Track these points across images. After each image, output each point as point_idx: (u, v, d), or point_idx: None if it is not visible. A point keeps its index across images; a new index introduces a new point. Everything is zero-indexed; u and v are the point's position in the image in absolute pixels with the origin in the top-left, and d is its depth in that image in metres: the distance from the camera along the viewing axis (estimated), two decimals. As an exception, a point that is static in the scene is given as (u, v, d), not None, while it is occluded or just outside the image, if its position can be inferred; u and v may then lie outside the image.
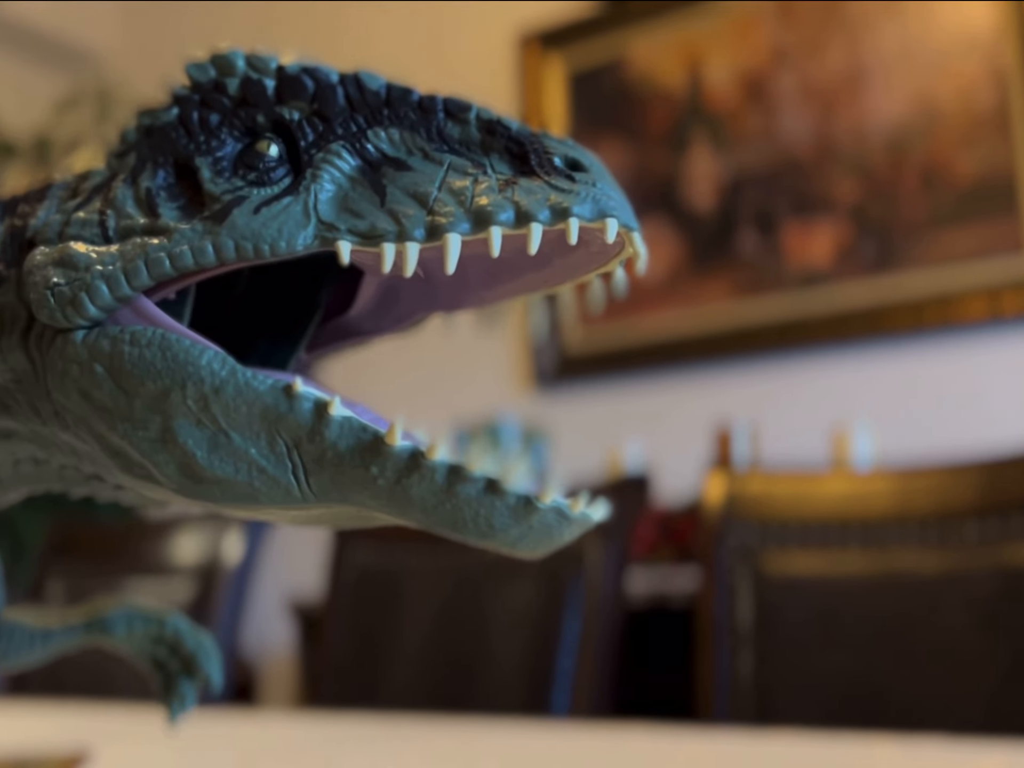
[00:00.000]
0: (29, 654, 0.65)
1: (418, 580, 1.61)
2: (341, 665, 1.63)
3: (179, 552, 1.79)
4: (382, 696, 1.55)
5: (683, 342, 2.58)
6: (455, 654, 1.53)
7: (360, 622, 1.66)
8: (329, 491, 0.43)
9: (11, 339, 0.47)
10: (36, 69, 3.58)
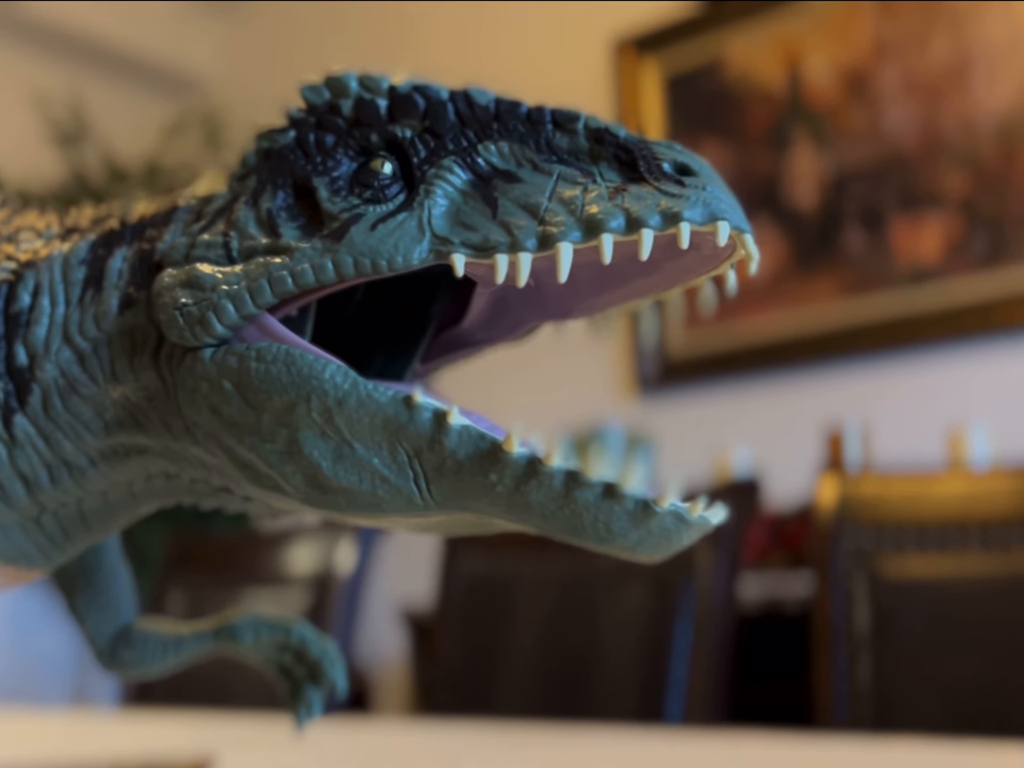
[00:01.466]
0: (163, 661, 0.67)
1: (528, 587, 1.61)
2: (453, 673, 1.65)
3: (293, 563, 1.83)
4: (495, 703, 1.56)
5: (789, 343, 2.54)
6: (567, 661, 1.54)
7: (471, 630, 1.67)
8: (449, 498, 0.44)
9: (143, 359, 0.49)
10: (145, 97, 3.70)
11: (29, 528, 0.54)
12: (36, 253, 0.53)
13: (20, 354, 0.51)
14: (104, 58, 3.56)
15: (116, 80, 3.64)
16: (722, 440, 2.45)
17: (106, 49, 3.52)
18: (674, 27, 2.75)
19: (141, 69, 3.64)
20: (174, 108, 3.63)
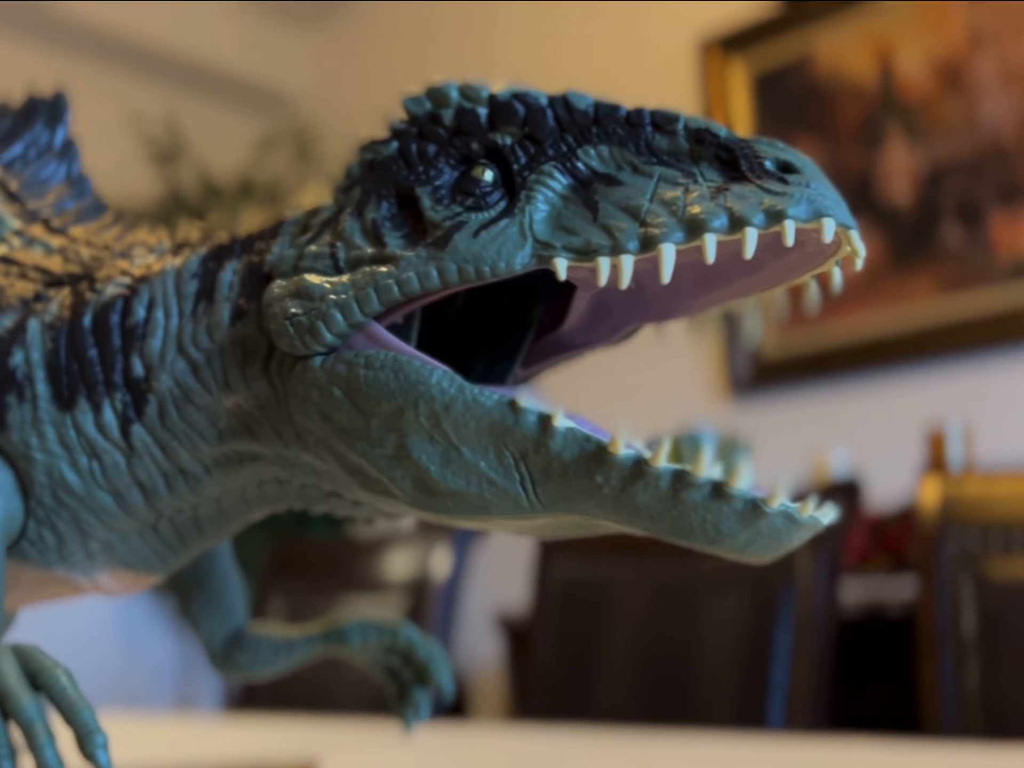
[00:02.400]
0: (274, 664, 0.69)
1: (624, 591, 1.61)
2: (550, 678, 1.65)
3: (390, 568, 1.85)
4: (592, 708, 1.55)
5: (886, 342, 2.49)
6: (665, 665, 1.53)
7: (567, 635, 1.67)
8: (556, 501, 0.44)
9: (254, 368, 0.50)
10: (238, 113, 3.79)
11: (147, 534, 0.56)
12: (149, 268, 0.55)
13: (136, 366, 0.52)
14: (198, 76, 3.65)
15: (210, 97, 3.73)
16: (818, 442, 2.42)
17: (199, 68, 3.61)
18: (760, 26, 2.72)
19: (233, 86, 3.72)
20: (266, 123, 3.70)
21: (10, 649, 0.45)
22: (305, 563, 2.01)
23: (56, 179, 0.66)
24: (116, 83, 3.47)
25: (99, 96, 3.28)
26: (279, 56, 3.78)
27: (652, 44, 2.96)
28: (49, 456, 0.53)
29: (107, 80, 3.46)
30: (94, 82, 3.34)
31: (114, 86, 3.45)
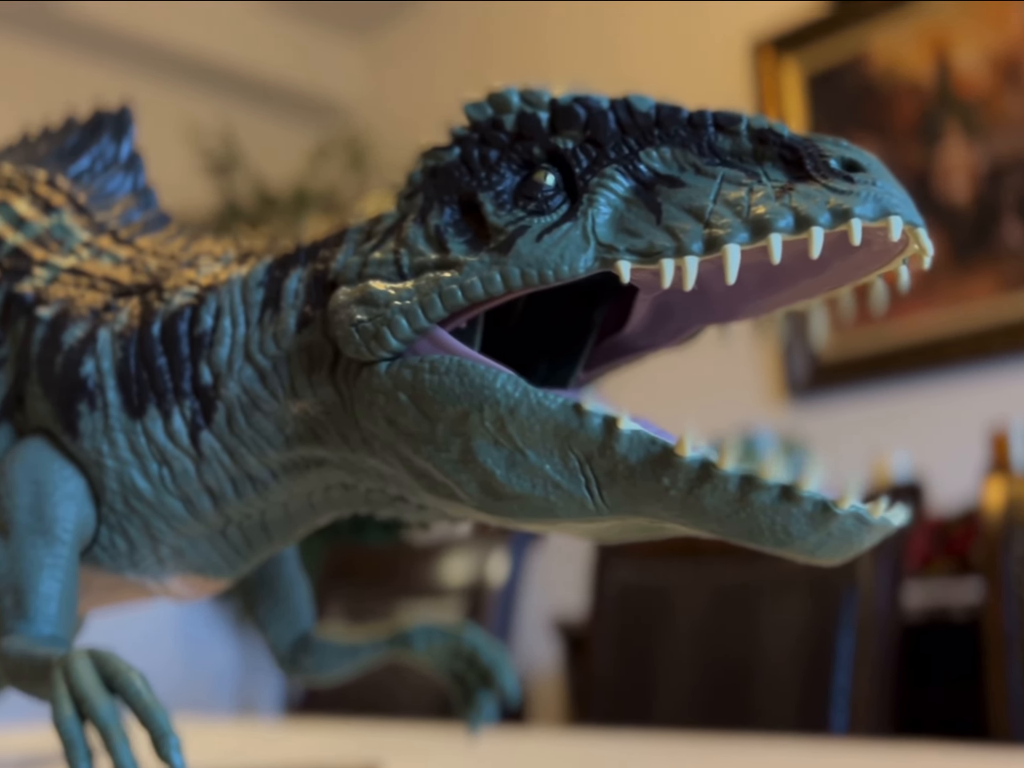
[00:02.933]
0: (340, 667, 0.69)
1: (682, 595, 1.60)
2: (608, 682, 1.64)
3: (447, 574, 1.85)
4: (651, 713, 1.55)
5: (946, 342, 2.46)
6: (724, 670, 1.51)
7: (625, 639, 1.66)
8: (622, 503, 0.44)
9: (320, 374, 0.51)
10: (292, 123, 3.82)
11: (216, 540, 0.56)
12: (216, 277, 0.56)
13: (205, 373, 0.53)
14: (252, 88, 3.70)
15: (264, 108, 3.77)
16: (878, 445, 2.39)
17: (253, 79, 3.65)
18: (812, 25, 2.70)
19: (287, 96, 3.76)
20: (319, 133, 3.74)
21: (86, 653, 0.46)
22: (362, 569, 2.02)
23: (122, 191, 0.67)
24: (173, 97, 3.52)
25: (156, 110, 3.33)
26: (331, 65, 3.82)
27: (704, 45, 2.94)
28: (120, 463, 0.54)
29: (164, 94, 3.51)
30: (151, 96, 3.39)
31: (171, 100, 3.50)
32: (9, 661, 0.49)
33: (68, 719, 0.44)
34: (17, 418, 0.57)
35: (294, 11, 3.64)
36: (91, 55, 3.41)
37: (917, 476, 2.26)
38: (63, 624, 0.52)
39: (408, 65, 3.77)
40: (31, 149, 0.69)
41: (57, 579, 0.52)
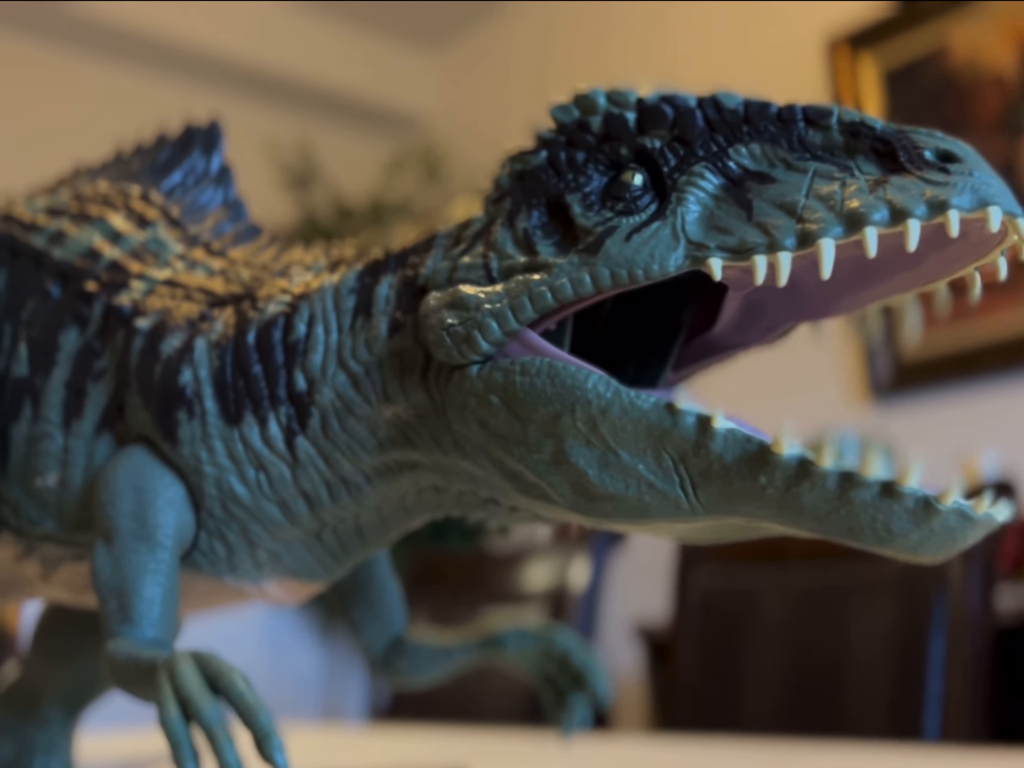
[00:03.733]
0: (433, 670, 0.70)
1: (767, 600, 1.58)
2: (693, 688, 1.63)
3: (528, 580, 1.86)
4: (737, 719, 1.53)
5: (1034, 339, 2.40)
6: (813, 674, 1.49)
7: (709, 644, 1.65)
8: (717, 503, 0.44)
9: (412, 379, 0.51)
10: (367, 136, 3.87)
11: (311, 544, 0.57)
12: (308, 285, 0.57)
13: (299, 380, 0.54)
14: (328, 102, 3.75)
15: (340, 122, 3.82)
16: (966, 445, 2.33)
17: (329, 93, 3.70)
18: (888, 21, 2.65)
19: (362, 109, 3.81)
20: (394, 145, 3.77)
21: (190, 655, 0.47)
22: (444, 576, 2.03)
23: (214, 204, 0.69)
24: (251, 113, 3.58)
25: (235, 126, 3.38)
26: (405, 77, 3.85)
27: (779, 45, 2.91)
28: (218, 469, 0.55)
29: (242, 110, 3.58)
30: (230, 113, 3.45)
31: (249, 116, 3.56)
32: (115, 664, 0.51)
33: (174, 720, 0.45)
34: (118, 427, 0.59)
35: (367, 25, 3.68)
36: (173, 75, 3.49)
37: (1008, 477, 2.21)
38: (165, 628, 0.53)
39: (480, 74, 3.79)
40: (125, 166, 0.71)
41: (159, 583, 0.53)
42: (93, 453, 0.59)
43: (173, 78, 3.49)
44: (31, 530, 0.61)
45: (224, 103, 3.49)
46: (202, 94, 3.48)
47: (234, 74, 3.55)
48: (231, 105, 3.54)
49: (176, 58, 3.44)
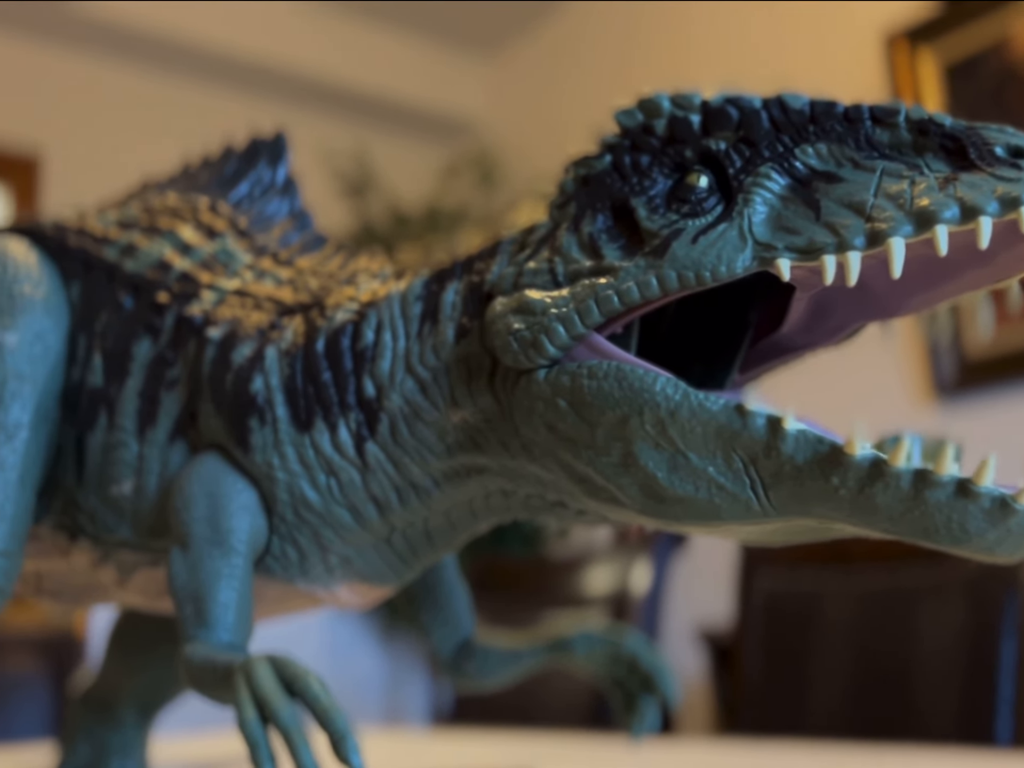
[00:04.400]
0: (502, 673, 0.70)
1: (833, 603, 1.56)
2: (758, 692, 1.62)
3: (589, 584, 1.85)
4: (805, 723, 1.51)
5: (1104, 336, 2.35)
6: (880, 679, 1.47)
7: (774, 648, 1.63)
8: (789, 504, 0.44)
9: (479, 383, 0.52)
10: (421, 143, 3.89)
11: (382, 548, 0.58)
12: (375, 293, 0.57)
13: (368, 387, 0.55)
14: (382, 110, 3.78)
15: (394, 129, 3.85)
16: (1033, 444, 2.29)
17: (384, 101, 3.73)
18: (947, 15, 2.62)
19: (416, 116, 3.83)
20: (449, 151, 3.79)
21: (266, 659, 0.48)
22: (505, 581, 2.04)
23: (280, 215, 0.70)
24: (307, 123, 3.62)
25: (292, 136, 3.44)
26: (459, 84, 3.87)
27: (836, 41, 2.89)
28: (290, 475, 0.56)
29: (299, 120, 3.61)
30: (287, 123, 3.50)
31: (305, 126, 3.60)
32: (192, 667, 0.52)
33: (252, 722, 0.46)
34: (191, 435, 0.60)
35: (419, 32, 3.71)
36: (233, 88, 3.54)
37: (1078, 476, 2.16)
38: (240, 631, 0.54)
39: (533, 78, 3.80)
40: (193, 179, 0.73)
41: (234, 588, 0.54)
42: (167, 460, 0.60)
43: (232, 91, 3.54)
44: (107, 537, 0.63)
45: (280, 114, 3.53)
46: (258, 105, 3.52)
47: (289, 85, 3.59)
48: (287, 115, 3.58)
49: (234, 71, 3.49)
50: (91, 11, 3.17)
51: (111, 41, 3.30)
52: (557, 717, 1.69)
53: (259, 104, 3.53)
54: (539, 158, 3.46)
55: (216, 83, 3.52)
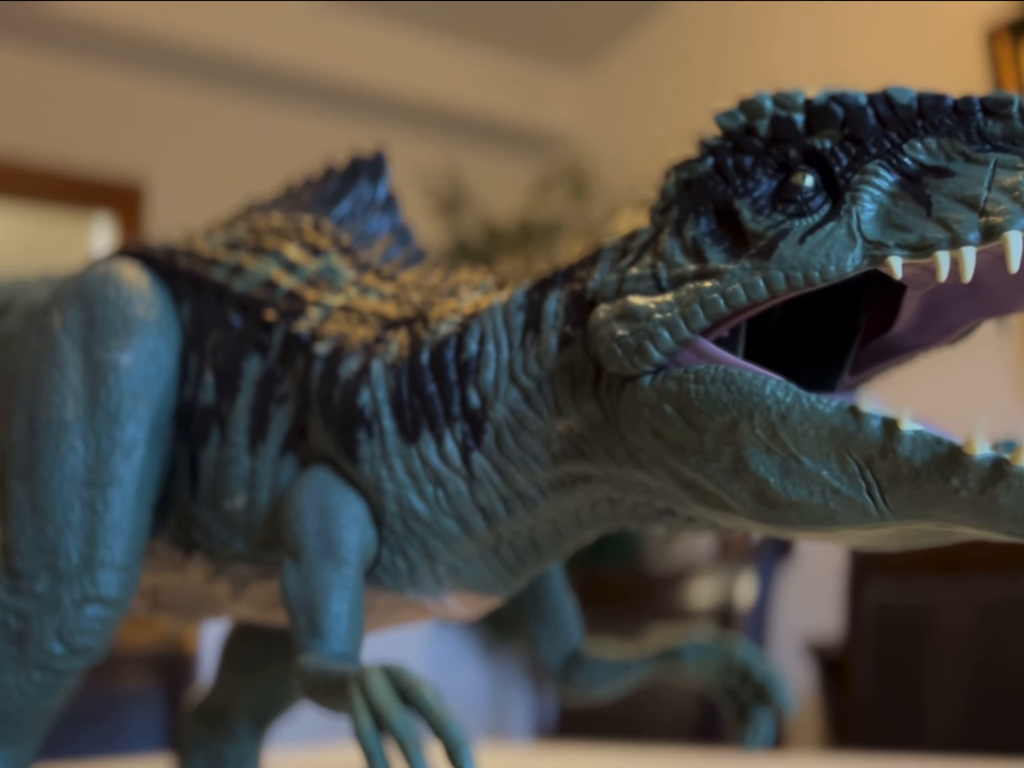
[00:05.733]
0: (612, 683, 0.70)
1: (946, 613, 1.52)
2: (870, 706, 1.58)
3: (693, 597, 1.83)
4: (920, 737, 1.47)
5: None
6: (999, 691, 1.43)
7: (885, 660, 1.59)
8: (907, 507, 0.43)
9: (583, 391, 0.52)
10: (513, 158, 3.92)
11: (488, 557, 0.58)
12: (477, 305, 0.58)
13: (473, 397, 0.55)
14: (474, 127, 3.81)
15: (486, 146, 3.88)
16: None
17: (475, 118, 3.77)
18: (1050, 4, 2.54)
19: (507, 132, 3.86)
20: (540, 165, 3.81)
21: (380, 668, 0.48)
22: (606, 595, 2.03)
23: (382, 231, 0.71)
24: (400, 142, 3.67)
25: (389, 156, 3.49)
26: (549, 98, 3.89)
27: (936, 36, 2.83)
28: (398, 486, 0.56)
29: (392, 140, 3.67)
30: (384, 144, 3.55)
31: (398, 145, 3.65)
32: (307, 677, 0.52)
33: (368, 731, 0.47)
34: (301, 449, 0.61)
35: (507, 48, 3.74)
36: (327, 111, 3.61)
37: None
38: (353, 642, 0.55)
39: (621, 89, 3.79)
40: (295, 198, 0.74)
41: (345, 599, 0.55)
42: (278, 474, 0.61)
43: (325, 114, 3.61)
44: (221, 550, 0.64)
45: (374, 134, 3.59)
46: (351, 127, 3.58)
47: (382, 106, 3.65)
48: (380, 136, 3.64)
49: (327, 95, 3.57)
50: (191, 44, 3.27)
51: (211, 70, 3.40)
52: (664, 730, 1.67)
53: (352, 126, 3.60)
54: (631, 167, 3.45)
55: (310, 107, 3.60)
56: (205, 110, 3.48)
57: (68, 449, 0.62)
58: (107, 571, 0.61)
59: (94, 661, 0.63)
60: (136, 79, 3.38)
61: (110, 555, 0.61)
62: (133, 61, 3.33)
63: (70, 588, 0.61)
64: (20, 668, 0.61)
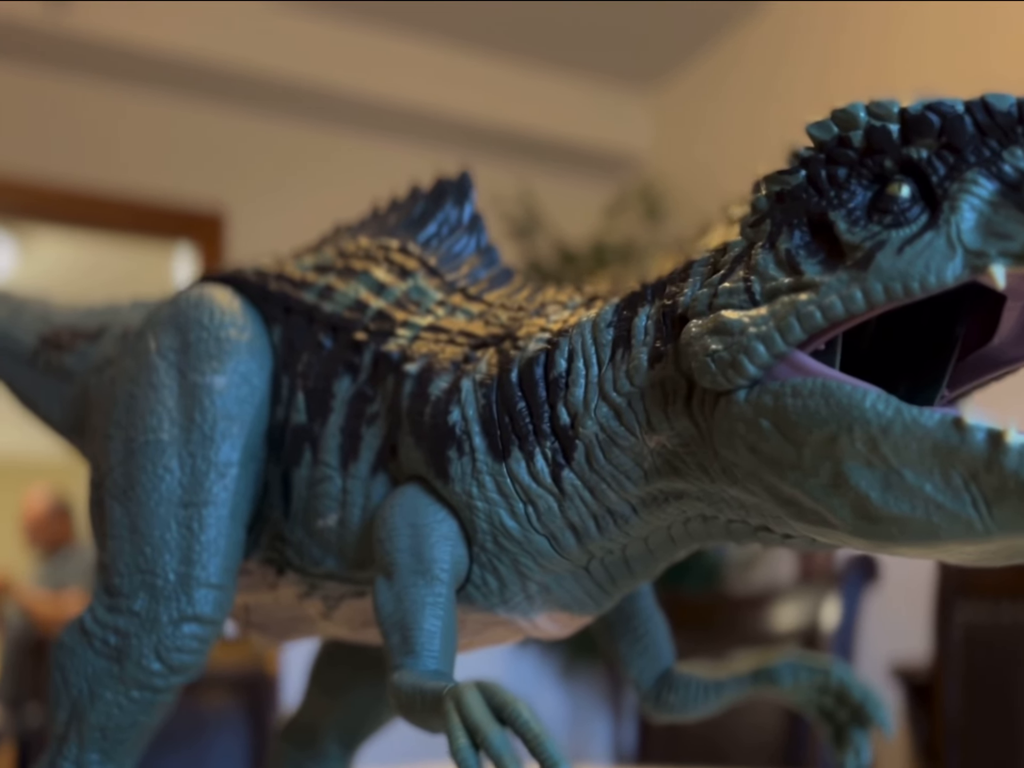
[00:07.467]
0: (704, 704, 0.69)
1: (1042, 637, 1.48)
2: (961, 732, 1.54)
3: (776, 621, 1.81)
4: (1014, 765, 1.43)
5: None
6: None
7: (976, 685, 1.55)
8: (1015, 522, 0.42)
9: (675, 407, 0.51)
10: (585, 180, 3.92)
11: (580, 576, 0.58)
12: (565, 322, 0.58)
13: (563, 414, 0.55)
14: (546, 150, 3.82)
15: (559, 168, 3.89)
16: None
17: (547, 142, 3.78)
18: None
19: (580, 154, 3.86)
20: (613, 186, 3.81)
21: (475, 685, 0.48)
22: (688, 618, 2.00)
23: (468, 251, 0.72)
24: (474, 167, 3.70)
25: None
26: (620, 119, 3.89)
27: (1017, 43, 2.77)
28: (489, 504, 0.57)
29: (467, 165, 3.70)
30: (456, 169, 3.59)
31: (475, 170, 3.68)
32: (401, 694, 0.53)
33: (464, 749, 0.46)
34: (392, 467, 0.61)
35: (578, 71, 3.75)
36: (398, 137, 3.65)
37: None
38: (446, 659, 0.55)
39: (693, 109, 3.78)
40: (382, 222, 0.75)
41: (438, 616, 0.55)
42: (370, 493, 0.61)
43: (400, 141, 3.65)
44: (314, 569, 0.65)
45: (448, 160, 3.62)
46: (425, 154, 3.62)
47: (455, 132, 3.68)
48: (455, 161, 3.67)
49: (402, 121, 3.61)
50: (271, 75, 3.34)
51: (290, 100, 3.47)
52: (747, 754, 1.64)
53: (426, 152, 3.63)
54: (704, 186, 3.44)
55: (386, 134, 3.65)
56: (284, 139, 3.54)
57: (164, 470, 0.64)
58: (203, 590, 0.62)
59: (191, 678, 0.64)
60: (216, 110, 3.46)
61: (206, 574, 0.62)
62: (212, 93, 3.41)
63: (167, 607, 0.62)
64: (119, 685, 0.63)
